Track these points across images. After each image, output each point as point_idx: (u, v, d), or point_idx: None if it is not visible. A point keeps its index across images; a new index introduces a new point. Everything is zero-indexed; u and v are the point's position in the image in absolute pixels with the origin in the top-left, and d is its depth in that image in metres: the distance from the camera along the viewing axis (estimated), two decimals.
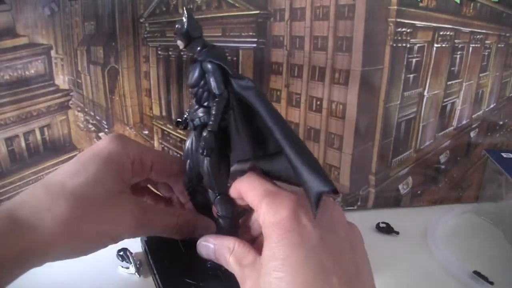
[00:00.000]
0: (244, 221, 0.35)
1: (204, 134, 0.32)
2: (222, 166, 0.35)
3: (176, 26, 0.32)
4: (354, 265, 0.28)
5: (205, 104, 0.34)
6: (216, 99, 0.32)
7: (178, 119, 0.37)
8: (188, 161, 0.37)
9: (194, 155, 0.36)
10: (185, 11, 0.32)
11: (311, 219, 0.27)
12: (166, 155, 0.41)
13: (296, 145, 0.28)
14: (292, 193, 0.29)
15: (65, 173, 0.32)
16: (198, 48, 0.32)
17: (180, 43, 0.33)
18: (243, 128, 0.34)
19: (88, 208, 0.31)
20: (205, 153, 0.32)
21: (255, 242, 0.33)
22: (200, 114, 0.34)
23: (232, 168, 0.36)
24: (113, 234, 0.33)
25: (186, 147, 0.36)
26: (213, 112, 0.32)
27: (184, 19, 0.32)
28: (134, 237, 0.35)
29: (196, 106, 0.34)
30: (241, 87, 0.31)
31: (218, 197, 0.35)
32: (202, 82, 0.33)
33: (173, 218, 0.36)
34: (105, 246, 0.34)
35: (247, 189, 0.32)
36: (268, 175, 0.33)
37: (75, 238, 0.31)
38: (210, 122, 0.32)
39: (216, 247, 0.33)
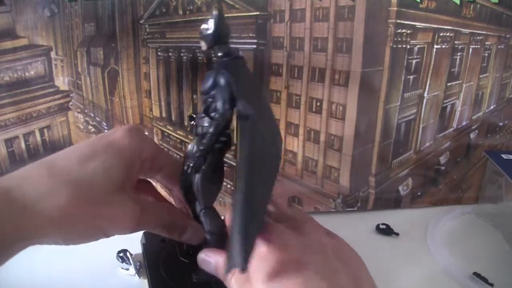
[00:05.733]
0: None
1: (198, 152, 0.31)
2: (214, 180, 0.33)
3: (202, 25, 0.30)
4: (352, 279, 0.28)
5: (212, 114, 0.32)
6: (217, 118, 0.30)
7: (192, 114, 0.36)
8: (188, 162, 0.36)
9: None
10: (214, 11, 0.30)
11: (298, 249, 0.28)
12: (178, 162, 0.41)
13: (249, 203, 0.25)
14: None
15: (73, 158, 0.32)
16: (219, 54, 0.30)
17: (203, 44, 0.31)
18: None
19: (89, 201, 0.30)
20: (193, 171, 0.31)
21: None
22: (205, 124, 0.32)
23: None
24: (109, 231, 0.32)
25: (188, 149, 0.36)
26: (211, 131, 0.30)
27: (212, 21, 0.30)
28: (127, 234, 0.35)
29: (203, 114, 0.32)
30: (241, 114, 0.29)
31: (203, 211, 0.34)
32: (212, 92, 0.31)
33: (168, 216, 0.36)
34: (96, 240, 0.33)
35: None
36: None
37: (70, 228, 0.30)
38: (204, 141, 0.30)
39: (218, 265, 0.33)
